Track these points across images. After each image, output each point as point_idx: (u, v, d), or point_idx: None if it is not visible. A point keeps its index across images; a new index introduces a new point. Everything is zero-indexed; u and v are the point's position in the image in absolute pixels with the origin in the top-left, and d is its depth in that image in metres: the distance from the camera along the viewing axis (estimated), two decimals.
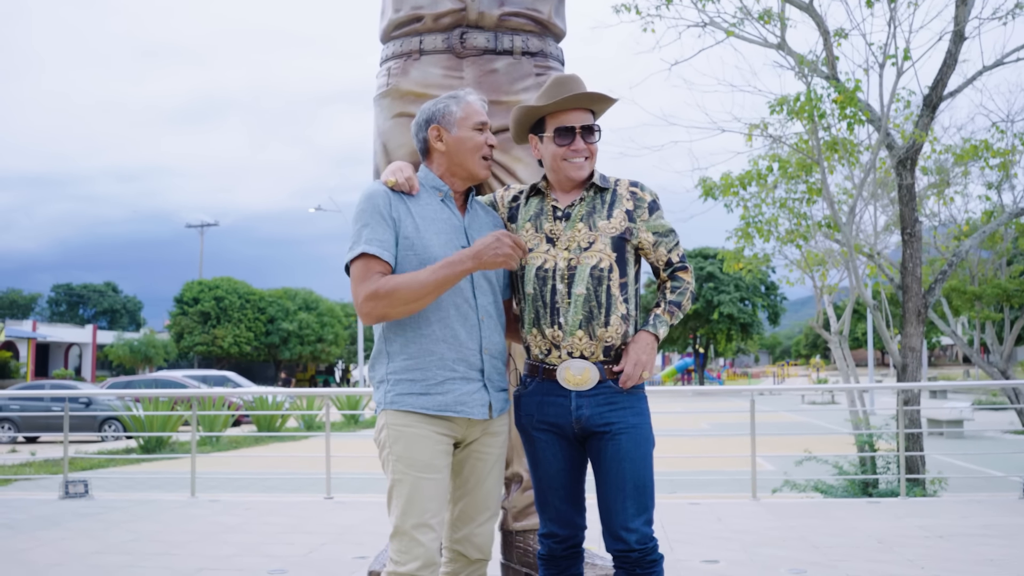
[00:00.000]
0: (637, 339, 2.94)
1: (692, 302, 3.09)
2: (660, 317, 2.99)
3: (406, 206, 2.90)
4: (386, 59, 4.24)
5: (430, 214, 2.93)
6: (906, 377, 10.30)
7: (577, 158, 2.98)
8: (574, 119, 2.98)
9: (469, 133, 2.97)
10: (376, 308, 2.77)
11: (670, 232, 3.06)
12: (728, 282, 50.79)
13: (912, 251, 10.33)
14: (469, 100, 3.01)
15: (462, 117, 2.98)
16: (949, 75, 10.43)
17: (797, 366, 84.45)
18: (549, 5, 4.20)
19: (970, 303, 19.33)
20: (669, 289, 3.05)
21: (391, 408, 2.85)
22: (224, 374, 29.52)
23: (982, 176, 14.77)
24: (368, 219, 2.85)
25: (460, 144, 2.97)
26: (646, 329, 2.96)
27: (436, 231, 2.90)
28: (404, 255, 2.85)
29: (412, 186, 2.93)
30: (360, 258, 2.82)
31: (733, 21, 10.83)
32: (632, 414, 2.93)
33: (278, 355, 57.24)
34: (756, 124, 11.35)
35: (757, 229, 12.64)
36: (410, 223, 2.87)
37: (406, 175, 2.94)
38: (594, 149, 3.01)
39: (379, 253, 2.80)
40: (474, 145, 2.97)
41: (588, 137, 2.99)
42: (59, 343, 58.85)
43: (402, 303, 2.76)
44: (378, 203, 2.86)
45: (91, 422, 20.49)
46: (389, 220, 2.85)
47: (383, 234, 2.83)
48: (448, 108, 2.99)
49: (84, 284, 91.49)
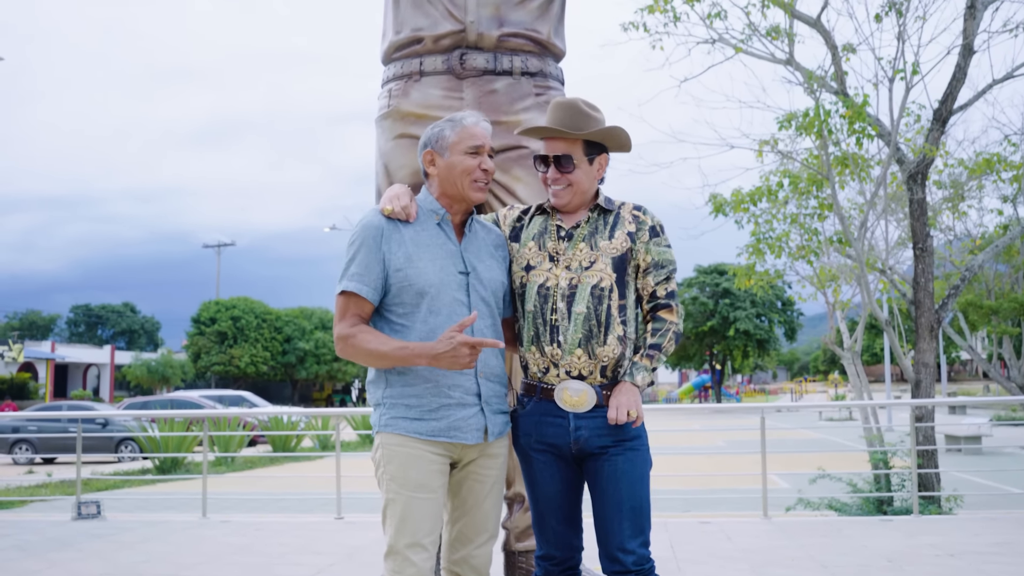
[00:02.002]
0: (617, 389, 2.92)
1: (676, 341, 3.03)
2: (638, 364, 2.95)
3: (401, 234, 2.93)
4: (387, 81, 4.27)
5: (425, 239, 2.95)
6: (920, 393, 10.22)
7: (554, 186, 3.01)
8: (550, 148, 3.01)
9: (460, 158, 2.98)
10: (344, 352, 2.92)
11: (665, 264, 3.02)
12: (744, 298, 50.63)
13: (924, 266, 10.27)
14: (466, 124, 3.02)
15: (455, 141, 2.99)
16: (959, 89, 10.39)
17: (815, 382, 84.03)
18: (548, 25, 4.22)
19: (987, 317, 19.17)
20: (650, 332, 3.00)
21: (386, 431, 2.87)
22: (240, 394, 29.60)
23: (996, 189, 14.69)
24: (356, 251, 2.91)
25: (451, 169, 2.99)
26: (623, 379, 2.94)
27: (431, 257, 2.92)
28: (399, 286, 2.89)
29: (409, 213, 2.95)
30: (343, 294, 2.91)
31: (741, 37, 10.84)
32: (630, 435, 2.92)
33: (295, 374, 57.41)
34: (766, 140, 11.34)
35: (768, 245, 12.61)
36: (403, 252, 2.90)
37: (403, 203, 2.96)
38: (573, 178, 2.99)
39: (358, 290, 2.88)
40: (464, 169, 2.98)
41: (562, 167, 2.99)
42: (77, 364, 59.27)
43: (363, 360, 2.90)
44: (368, 235, 2.91)
45: (107, 443, 20.56)
46: (378, 253, 2.89)
47: (367, 269, 2.89)
48: (442, 133, 3.01)
49: (102, 305, 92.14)
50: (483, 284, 2.97)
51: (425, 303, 2.87)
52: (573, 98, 3.06)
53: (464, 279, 2.94)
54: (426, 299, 2.87)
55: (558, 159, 2.99)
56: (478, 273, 2.97)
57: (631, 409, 2.87)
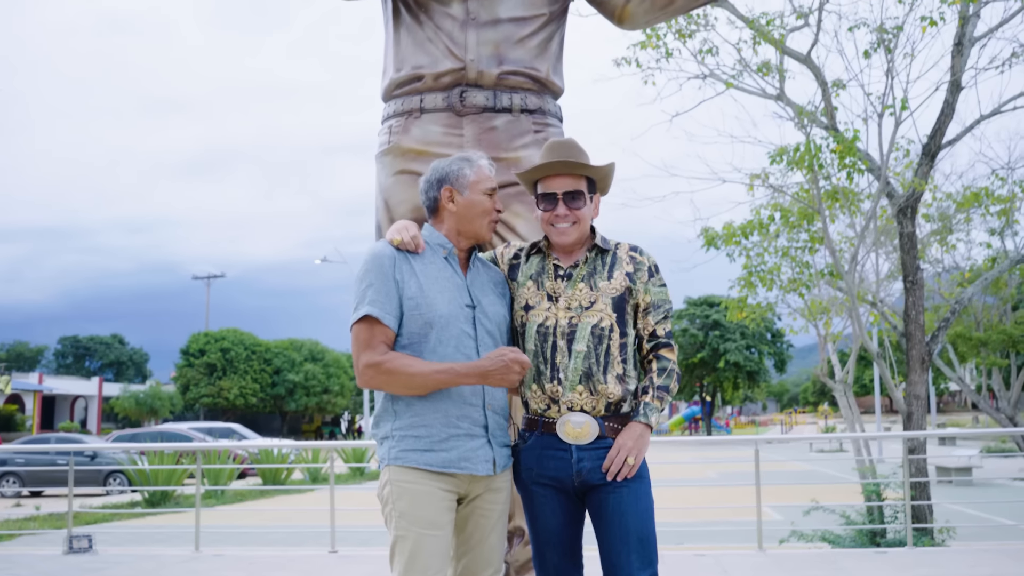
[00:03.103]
0: (628, 428, 2.94)
1: (678, 381, 3.08)
2: (650, 405, 2.97)
3: (410, 265, 2.95)
4: (387, 117, 4.32)
5: (434, 272, 2.98)
6: (912, 425, 10.26)
7: (560, 223, 3.03)
8: (557, 185, 3.03)
9: (480, 197, 3.04)
10: (375, 379, 2.86)
11: (663, 303, 3.07)
12: (734, 330, 50.69)
13: (915, 299, 10.35)
14: (481, 164, 3.08)
15: (474, 181, 3.04)
16: (947, 124, 10.53)
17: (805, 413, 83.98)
18: (547, 64, 4.28)
19: (976, 349, 19.28)
20: (656, 372, 3.02)
21: (395, 464, 2.88)
22: (230, 426, 29.45)
23: (984, 223, 14.83)
24: (372, 279, 2.90)
25: (471, 207, 3.04)
26: (637, 419, 2.96)
27: (440, 289, 2.95)
28: (410, 315, 2.90)
29: (418, 244, 2.99)
30: (363, 320, 2.87)
31: (732, 73, 10.97)
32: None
33: (284, 406, 57.12)
34: (757, 174, 11.45)
35: (760, 278, 12.69)
36: (414, 283, 2.92)
37: (411, 234, 3.00)
38: (581, 215, 3.03)
39: (381, 316, 2.86)
40: (483, 210, 3.04)
41: (572, 203, 3.02)
42: (65, 395, 58.83)
43: (400, 386, 2.86)
44: (383, 264, 2.92)
45: (96, 475, 20.44)
46: (392, 282, 2.90)
47: (386, 296, 2.88)
48: (462, 171, 3.05)
49: (91, 336, 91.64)
50: (488, 318, 3.01)
51: (433, 334, 2.90)
52: (570, 138, 3.13)
53: (471, 312, 2.97)
54: (434, 330, 2.90)
55: (568, 195, 3.03)
56: (483, 307, 3.01)
57: (630, 456, 2.89)
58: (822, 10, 10.34)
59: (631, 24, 4.39)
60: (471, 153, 3.15)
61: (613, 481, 2.91)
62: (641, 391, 3.01)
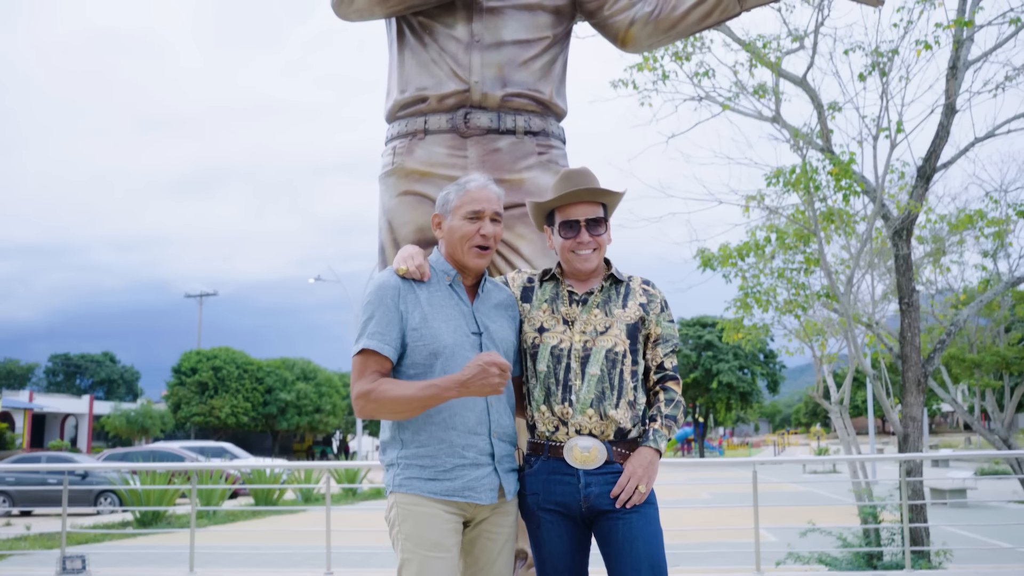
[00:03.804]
0: (637, 453, 2.94)
1: (684, 413, 3.11)
2: (659, 432, 2.98)
3: (415, 294, 2.95)
4: (391, 138, 4.33)
5: (439, 300, 2.97)
6: (908, 447, 10.26)
7: (583, 250, 3.05)
8: (579, 212, 3.05)
9: (460, 222, 3.02)
10: (366, 408, 2.86)
11: (671, 338, 3.10)
12: (727, 351, 50.76)
13: (910, 320, 10.37)
14: (469, 188, 3.06)
15: (457, 205, 3.04)
16: (942, 147, 10.59)
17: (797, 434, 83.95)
18: (550, 86, 4.29)
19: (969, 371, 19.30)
20: (663, 402, 3.03)
21: (400, 491, 2.87)
22: (222, 445, 29.30)
23: (977, 244, 14.90)
24: (374, 311, 2.91)
25: (451, 233, 3.04)
26: (647, 444, 2.96)
27: (444, 318, 2.94)
28: (414, 346, 2.90)
29: (423, 273, 2.98)
30: (360, 353, 2.88)
31: (729, 95, 11.03)
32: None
33: (276, 425, 56.90)
34: (753, 195, 11.49)
35: (756, 299, 12.71)
36: (419, 313, 2.92)
37: (417, 262, 3.00)
38: (601, 241, 3.07)
39: (379, 348, 2.86)
40: (462, 235, 3.01)
41: (594, 230, 3.05)
42: (55, 414, 58.52)
43: (388, 411, 2.84)
44: (385, 295, 2.92)
45: (87, 495, 20.29)
46: (395, 312, 2.90)
47: (387, 327, 2.88)
48: (448, 196, 3.06)
49: (81, 354, 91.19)
50: (495, 343, 3.00)
51: (439, 363, 2.89)
52: (583, 167, 3.15)
53: (477, 339, 2.97)
54: (440, 359, 2.89)
55: (591, 222, 3.05)
56: (490, 333, 3.00)
57: (641, 484, 2.89)
58: (818, 33, 10.41)
59: (634, 47, 4.40)
60: (469, 176, 3.15)
61: (622, 506, 2.89)
62: (650, 419, 3.02)
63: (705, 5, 4.16)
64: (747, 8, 4.17)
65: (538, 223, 3.25)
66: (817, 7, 10.28)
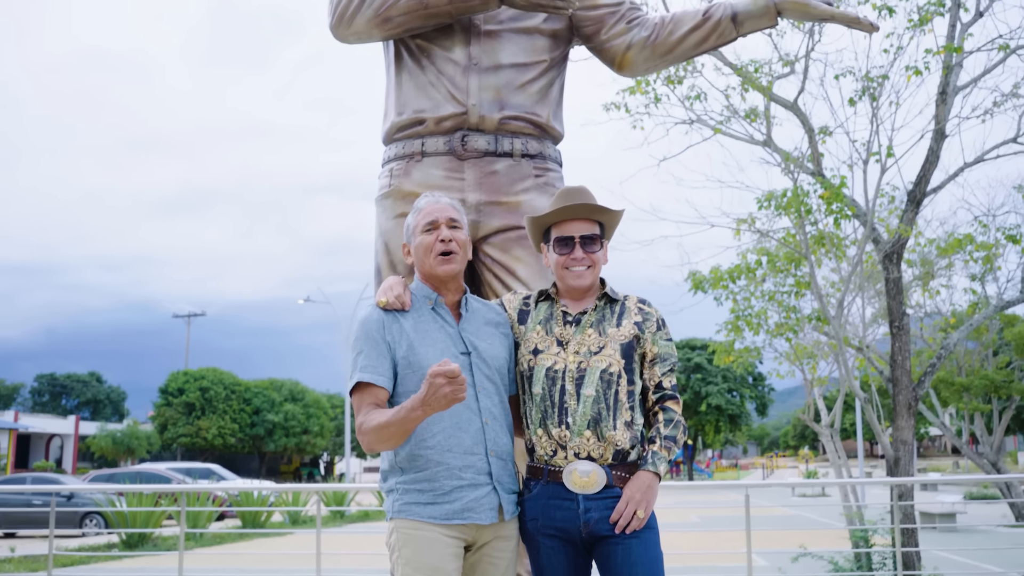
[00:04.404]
0: (636, 478, 2.91)
1: (684, 433, 3.07)
2: (658, 454, 2.95)
3: (400, 324, 2.96)
4: (388, 160, 4.33)
5: (423, 326, 2.99)
6: (899, 470, 10.25)
7: (577, 267, 3.04)
8: (574, 229, 3.06)
9: (420, 238, 3.06)
10: (365, 442, 2.86)
11: (669, 356, 3.08)
12: (716, 373, 50.84)
13: (901, 344, 10.39)
14: (420, 205, 3.13)
15: (414, 226, 3.09)
16: (932, 171, 10.64)
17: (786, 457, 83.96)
18: (547, 109, 4.31)
19: (958, 394, 19.39)
20: (663, 422, 3.00)
21: (399, 517, 2.86)
22: (209, 467, 29.13)
23: (966, 268, 14.98)
24: (362, 346, 2.93)
25: (416, 251, 3.08)
26: (646, 468, 2.93)
27: (431, 343, 2.95)
28: (404, 375, 2.92)
29: (403, 303, 3.00)
30: (356, 389, 2.89)
31: (720, 119, 11.07)
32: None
33: (263, 447, 56.61)
34: (744, 219, 11.52)
35: (746, 322, 12.73)
36: (405, 341, 2.93)
37: (396, 292, 3.02)
38: (596, 258, 3.07)
39: (372, 380, 2.87)
40: (424, 247, 3.04)
41: (589, 247, 3.05)
42: (40, 434, 58.07)
43: (376, 441, 2.82)
44: (371, 329, 2.94)
45: (72, 517, 20.12)
46: (383, 344, 2.92)
47: (377, 359, 2.90)
48: (409, 222, 3.11)
49: (68, 374, 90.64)
50: (486, 362, 3.00)
51: None
52: (581, 184, 3.16)
53: (467, 359, 2.97)
54: None
55: (585, 239, 3.05)
56: (480, 352, 3.00)
57: (640, 509, 2.87)
58: (808, 58, 10.48)
59: (631, 71, 4.42)
60: (425, 195, 3.20)
61: (622, 532, 2.88)
62: (648, 441, 3.00)
63: (702, 30, 4.18)
64: (743, 34, 4.19)
65: (535, 241, 3.25)
66: (808, 32, 10.36)
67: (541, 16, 4.26)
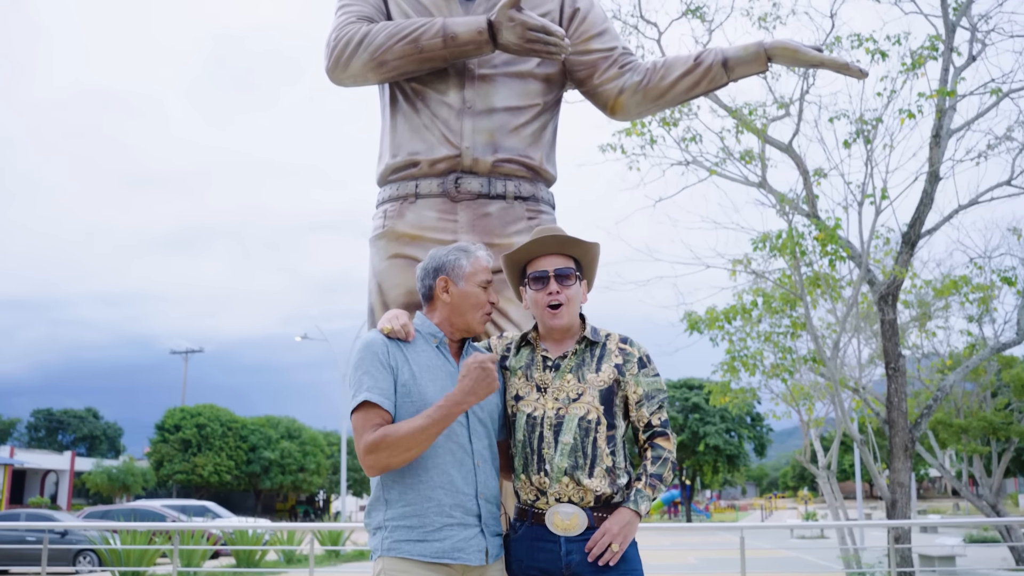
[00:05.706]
0: (616, 513, 2.92)
1: (673, 470, 3.05)
2: (642, 492, 2.95)
3: (403, 353, 2.97)
4: (382, 202, 4.36)
5: (425, 361, 2.99)
6: (896, 513, 10.22)
7: (552, 301, 3.03)
8: (547, 264, 3.08)
9: (475, 289, 3.06)
10: (379, 460, 2.81)
11: (656, 394, 3.06)
12: (714, 413, 50.65)
13: (897, 385, 10.40)
14: (479, 255, 3.11)
15: (470, 272, 3.07)
16: (926, 213, 10.72)
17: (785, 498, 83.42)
18: (540, 152, 4.35)
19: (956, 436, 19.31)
20: (650, 460, 3.00)
21: (388, 555, 2.85)
22: (204, 504, 28.94)
23: (963, 310, 15.01)
24: (368, 367, 2.91)
25: (464, 299, 3.06)
26: (627, 505, 2.93)
27: (431, 378, 2.96)
28: (401, 402, 2.90)
29: (408, 333, 3.01)
30: (360, 408, 2.87)
31: (715, 160, 11.17)
32: (622, 560, 2.91)
33: (259, 484, 56.26)
34: (739, 260, 11.58)
35: (743, 363, 12.74)
36: (407, 370, 2.94)
37: (401, 322, 3.03)
38: (571, 294, 3.06)
39: (379, 401, 2.85)
40: (477, 302, 3.06)
41: (563, 281, 3.05)
42: (36, 470, 57.70)
43: (402, 451, 2.79)
44: (376, 351, 2.94)
45: (66, 554, 19.97)
46: (387, 368, 2.91)
47: (382, 382, 2.89)
48: (459, 261, 3.08)
49: (64, 409, 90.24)
50: (480, 407, 3.01)
51: None
52: (555, 225, 3.19)
53: None
54: None
55: (559, 273, 3.06)
56: None
57: (615, 543, 2.86)
58: (803, 101, 10.59)
59: (623, 115, 4.47)
60: (469, 244, 3.18)
61: (604, 573, 2.87)
62: (635, 479, 3.00)
63: (693, 75, 4.23)
64: (734, 79, 4.24)
65: (513, 284, 3.26)
66: (802, 75, 10.48)
67: (535, 60, 4.31)
